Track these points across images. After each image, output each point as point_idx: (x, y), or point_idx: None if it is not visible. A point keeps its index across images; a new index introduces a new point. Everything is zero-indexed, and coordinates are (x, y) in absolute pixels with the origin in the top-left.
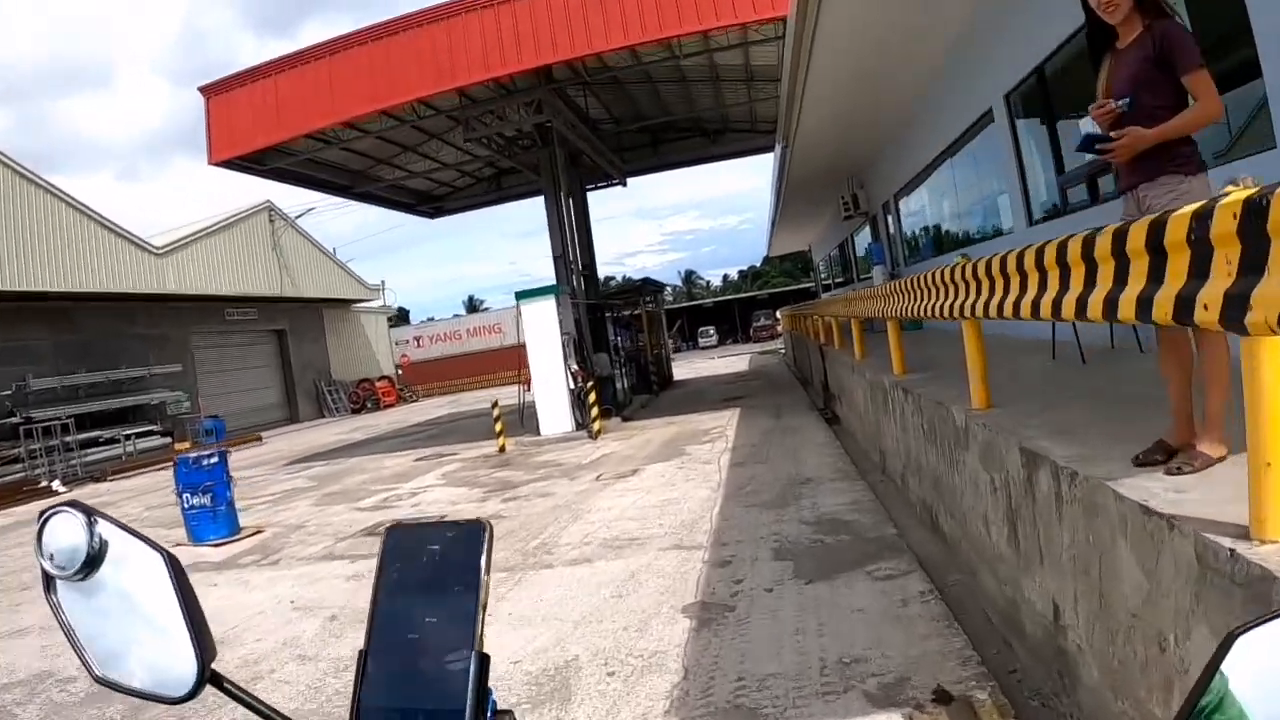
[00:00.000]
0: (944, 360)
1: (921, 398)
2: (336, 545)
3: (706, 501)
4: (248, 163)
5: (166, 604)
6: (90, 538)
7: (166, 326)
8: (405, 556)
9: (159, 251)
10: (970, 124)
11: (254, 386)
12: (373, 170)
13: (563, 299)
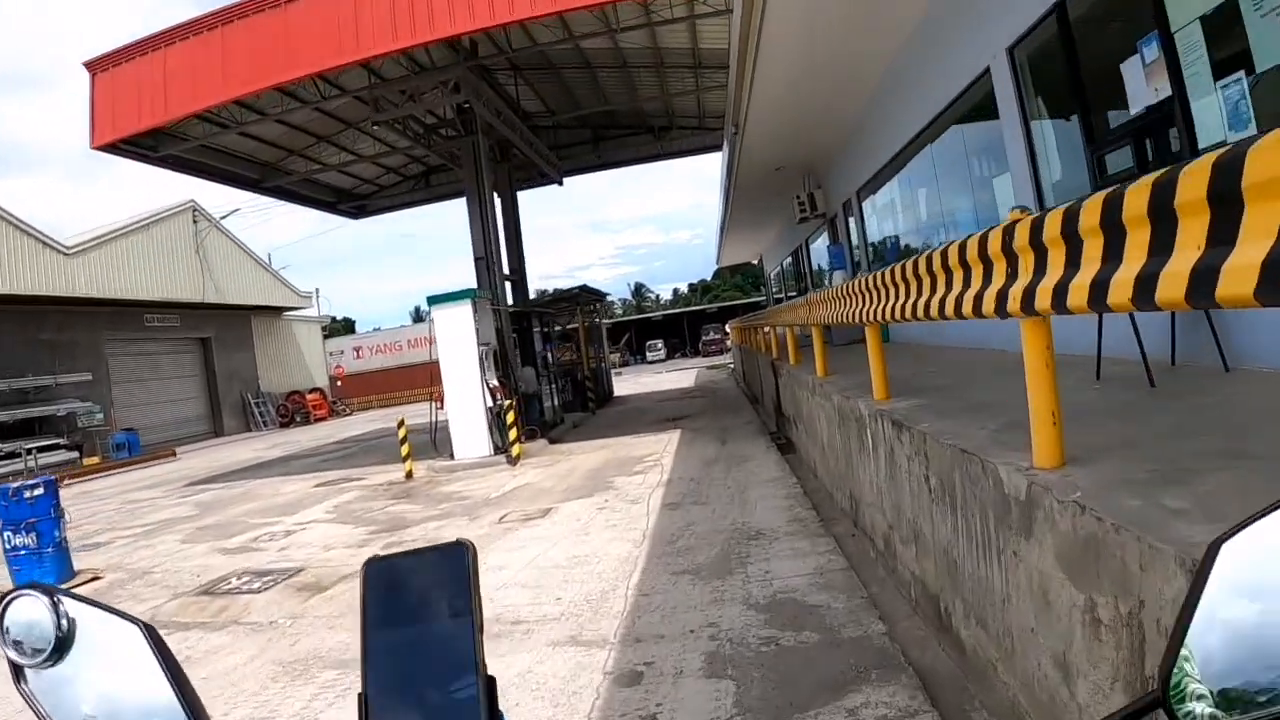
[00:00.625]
0: (936, 382)
1: (929, 440)
2: (166, 605)
3: (625, 562)
4: (136, 147)
5: (150, 679)
6: (56, 619)
7: (78, 332)
8: (388, 589)
9: (68, 251)
10: (958, 92)
11: (175, 398)
12: (285, 163)
13: (481, 305)
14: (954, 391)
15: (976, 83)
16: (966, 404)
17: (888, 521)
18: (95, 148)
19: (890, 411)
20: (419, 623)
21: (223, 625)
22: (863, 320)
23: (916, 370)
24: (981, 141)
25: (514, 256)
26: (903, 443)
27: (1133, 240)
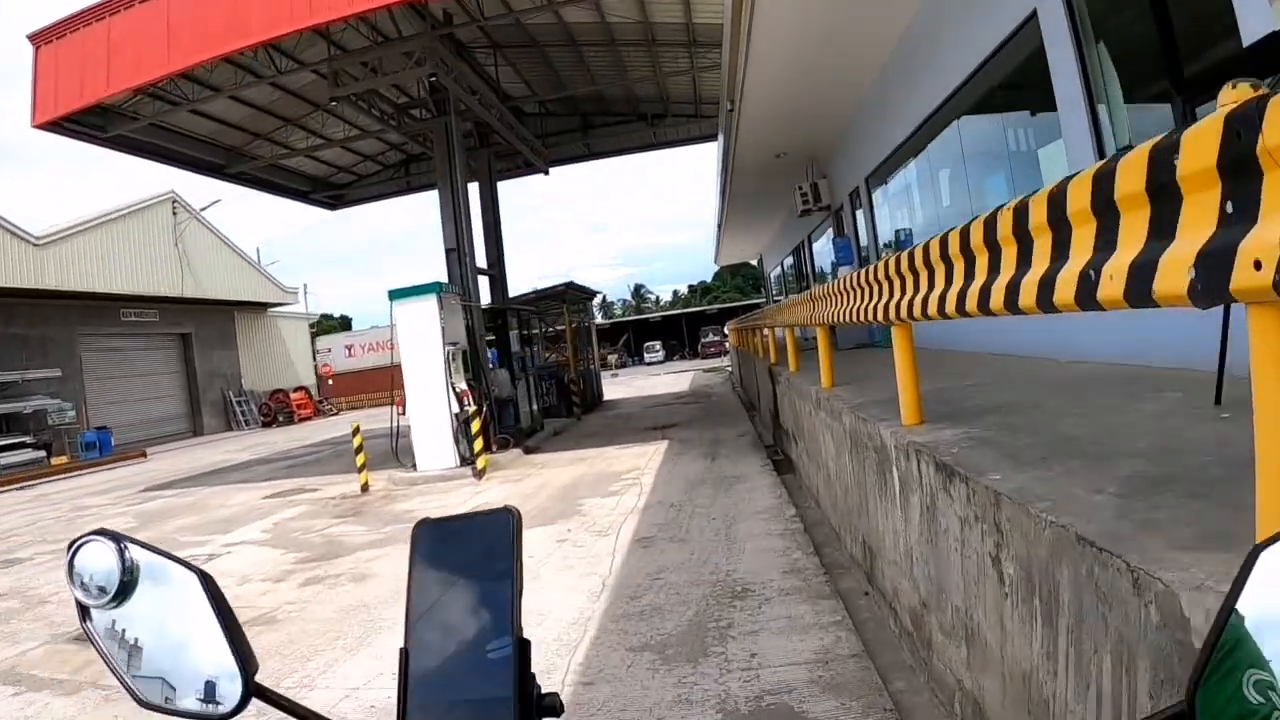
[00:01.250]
0: (985, 400)
1: (1007, 505)
2: (34, 652)
3: (574, 626)
4: (80, 126)
5: (204, 622)
6: (122, 563)
7: (50, 326)
8: (435, 551)
9: (38, 242)
10: (993, 49)
11: (153, 396)
12: (250, 147)
13: (449, 300)
14: (1017, 417)
15: (1017, 34)
16: (1045, 438)
17: (920, 594)
18: (37, 126)
19: (930, 447)
20: (461, 583)
21: (76, 687)
22: (885, 317)
23: (949, 382)
24: (1022, 107)
25: (492, 250)
26: (953, 497)
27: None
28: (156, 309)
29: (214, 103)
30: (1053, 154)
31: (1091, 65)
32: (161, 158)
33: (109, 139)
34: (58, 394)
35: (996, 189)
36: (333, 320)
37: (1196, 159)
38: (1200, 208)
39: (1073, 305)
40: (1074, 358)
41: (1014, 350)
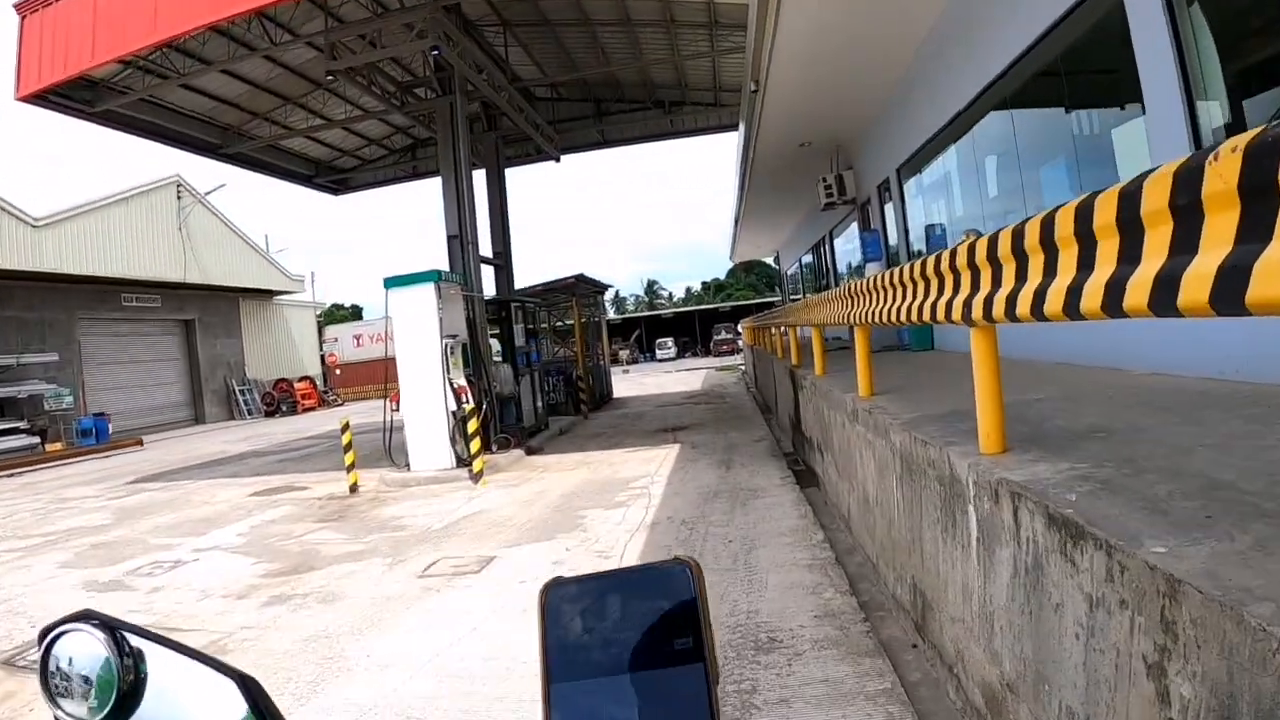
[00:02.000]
0: (1076, 422)
1: (1190, 600)
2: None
3: None
4: (67, 100)
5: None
6: (120, 663)
7: (48, 310)
8: (578, 623)
9: (36, 223)
10: (1058, 17)
11: (154, 383)
12: (248, 127)
13: (447, 289)
14: (1127, 446)
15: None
16: (1188, 482)
17: (1003, 672)
18: (20, 99)
19: (1032, 489)
20: (624, 671)
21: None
22: (963, 317)
23: (1010, 394)
24: (1091, 81)
25: (499, 239)
26: (1078, 567)
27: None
28: (159, 294)
29: (208, 78)
30: (1130, 135)
31: (1184, 28)
32: (154, 135)
33: (98, 114)
34: (55, 379)
35: (1055, 179)
36: (344, 310)
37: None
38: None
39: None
40: (1149, 369)
41: (1066, 358)
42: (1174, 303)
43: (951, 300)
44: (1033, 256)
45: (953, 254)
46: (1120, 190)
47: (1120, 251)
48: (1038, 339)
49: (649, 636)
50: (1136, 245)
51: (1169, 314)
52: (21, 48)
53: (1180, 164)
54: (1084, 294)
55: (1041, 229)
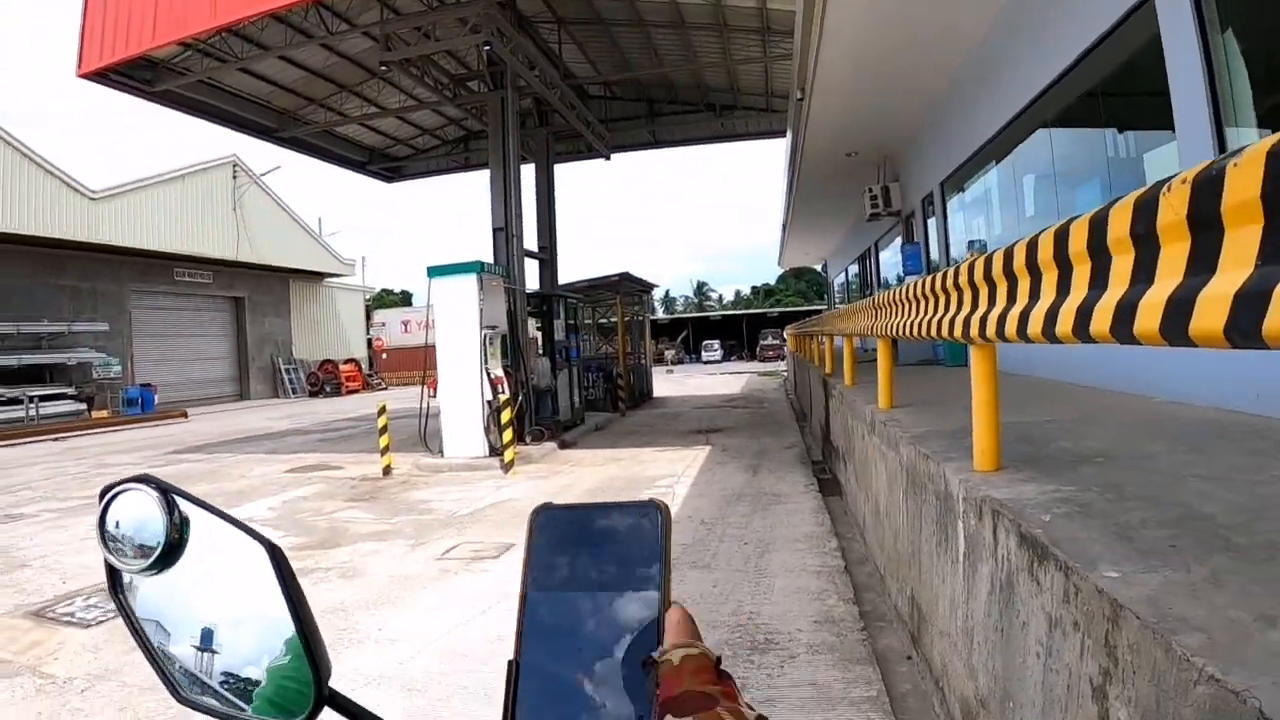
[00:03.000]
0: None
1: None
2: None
3: None
4: (128, 79)
5: (270, 606)
6: (169, 520)
7: (101, 281)
8: (559, 545)
9: (94, 196)
10: (1096, 39)
11: (202, 357)
12: (304, 112)
13: (490, 281)
14: (1122, 472)
15: (1127, 20)
16: (1168, 511)
17: (978, 687)
18: (81, 75)
19: (1012, 507)
20: (591, 589)
21: (14, 670)
22: (964, 334)
23: (1023, 414)
24: (1125, 106)
25: (545, 233)
26: (1041, 586)
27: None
28: (211, 271)
29: (265, 63)
30: (1161, 160)
31: (1217, 57)
32: (211, 116)
33: (157, 94)
34: (104, 348)
35: (1089, 201)
36: (394, 295)
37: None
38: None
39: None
40: (1171, 398)
41: (1091, 381)
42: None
43: (955, 317)
44: (1021, 279)
45: (956, 272)
46: (1090, 218)
47: (1090, 277)
48: (1065, 361)
49: (616, 563)
50: (1104, 271)
51: (1128, 341)
52: (85, 26)
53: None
54: (1059, 317)
55: (1026, 251)
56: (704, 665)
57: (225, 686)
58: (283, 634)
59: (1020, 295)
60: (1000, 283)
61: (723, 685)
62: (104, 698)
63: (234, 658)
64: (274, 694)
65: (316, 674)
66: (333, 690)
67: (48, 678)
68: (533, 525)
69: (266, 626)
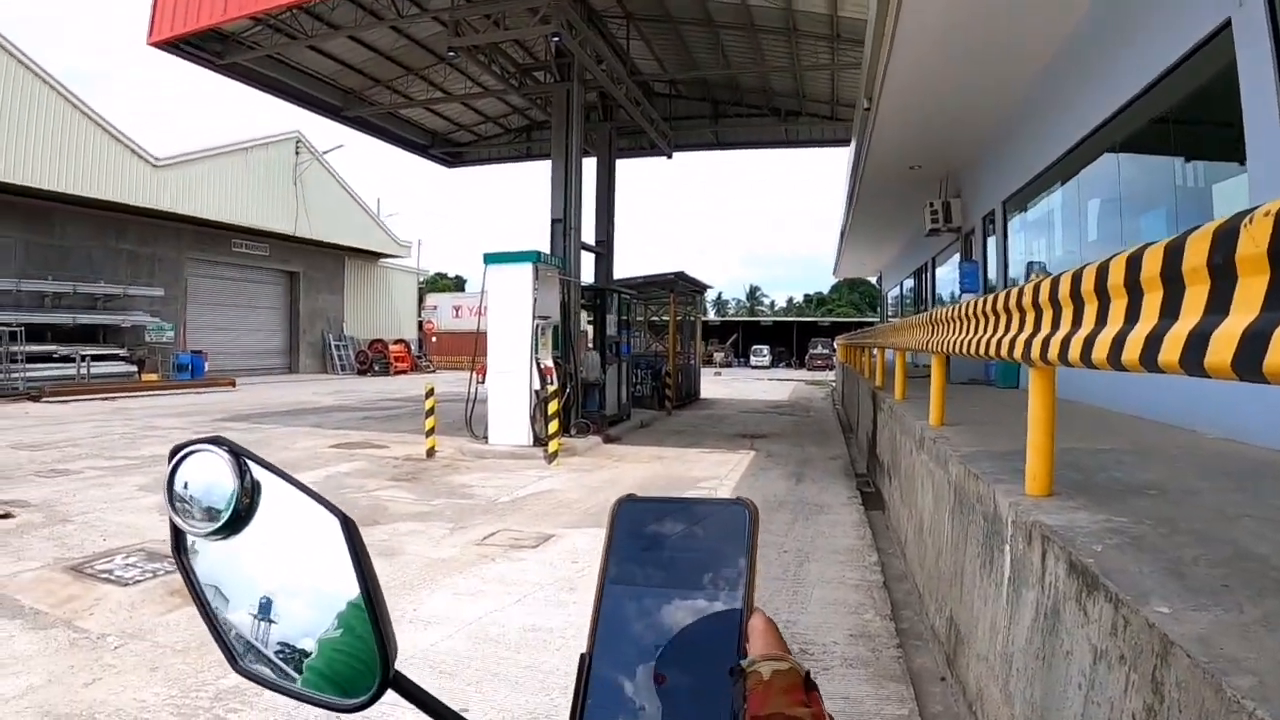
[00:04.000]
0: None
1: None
2: (25, 575)
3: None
4: (197, 50)
5: (340, 581)
6: (241, 484)
7: (160, 247)
8: (643, 539)
9: (158, 163)
10: (1168, 66)
11: (254, 328)
12: (370, 93)
13: (545, 271)
14: (1173, 507)
15: (1202, 48)
16: (1220, 550)
17: (1014, 714)
18: (151, 44)
19: (1063, 534)
20: (671, 586)
21: (50, 623)
22: (1025, 355)
23: (1074, 441)
24: (1195, 135)
25: (603, 227)
26: (1089, 616)
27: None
28: (268, 244)
29: (334, 42)
30: (1231, 192)
31: None
32: (277, 91)
33: (225, 66)
34: (159, 313)
35: (1154, 228)
36: (448, 279)
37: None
38: None
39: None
40: (1224, 435)
41: (1138, 410)
42: (1202, 361)
43: (1015, 338)
44: (1087, 303)
45: (1019, 292)
46: (1166, 245)
47: (1161, 306)
48: (1116, 389)
49: (700, 561)
50: (1176, 301)
51: (1197, 374)
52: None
53: (1219, 223)
54: (1126, 344)
55: (1096, 276)
56: (794, 683)
57: (280, 656)
58: (339, 609)
59: (1086, 320)
60: (1066, 306)
61: (812, 702)
62: (136, 656)
63: (292, 629)
64: (327, 668)
65: (384, 654)
66: (399, 673)
67: (82, 632)
68: (615, 515)
69: (328, 600)
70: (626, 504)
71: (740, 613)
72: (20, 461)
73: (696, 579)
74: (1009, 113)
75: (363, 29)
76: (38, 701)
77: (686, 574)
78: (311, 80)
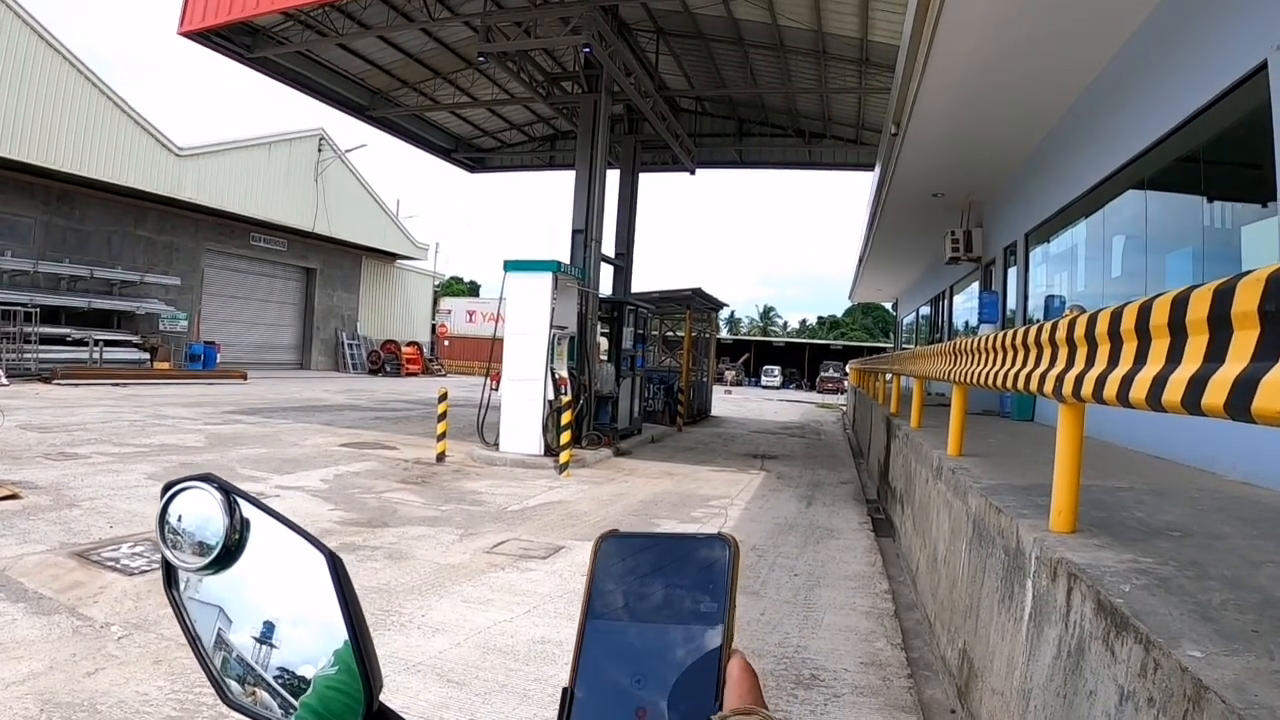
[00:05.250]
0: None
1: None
2: (29, 559)
3: None
4: (227, 43)
5: (325, 615)
6: (229, 520)
7: (178, 236)
8: (624, 574)
9: (180, 152)
10: (1202, 105)
11: (267, 322)
12: (396, 94)
13: (564, 281)
14: (1199, 550)
15: (1237, 88)
16: (1248, 595)
17: None
18: (182, 34)
19: (1091, 573)
20: (653, 623)
21: (52, 610)
22: (1054, 391)
23: (1093, 479)
24: (1224, 175)
25: (623, 240)
26: (1116, 657)
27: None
28: (286, 239)
29: (364, 41)
30: (1260, 234)
31: None
32: (304, 88)
33: (254, 59)
34: (174, 302)
35: (1180, 268)
36: (463, 284)
37: None
38: None
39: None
40: (1241, 477)
41: (1158, 450)
42: (1248, 406)
43: (1046, 373)
44: (1126, 341)
45: (1054, 327)
46: (1215, 288)
47: (1207, 350)
48: (1132, 426)
49: (680, 596)
50: (1224, 344)
51: (1243, 419)
52: None
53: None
54: (1167, 385)
55: (1139, 315)
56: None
57: (279, 681)
58: (333, 644)
59: (1125, 358)
60: (1103, 343)
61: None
62: (140, 648)
63: (291, 657)
64: (319, 704)
65: (368, 687)
66: (383, 705)
67: (86, 620)
68: (597, 551)
69: (319, 635)
70: (609, 539)
71: (720, 651)
72: (30, 442)
73: (678, 615)
74: (1036, 145)
75: (393, 29)
76: (39, 688)
77: (668, 610)
78: (339, 78)
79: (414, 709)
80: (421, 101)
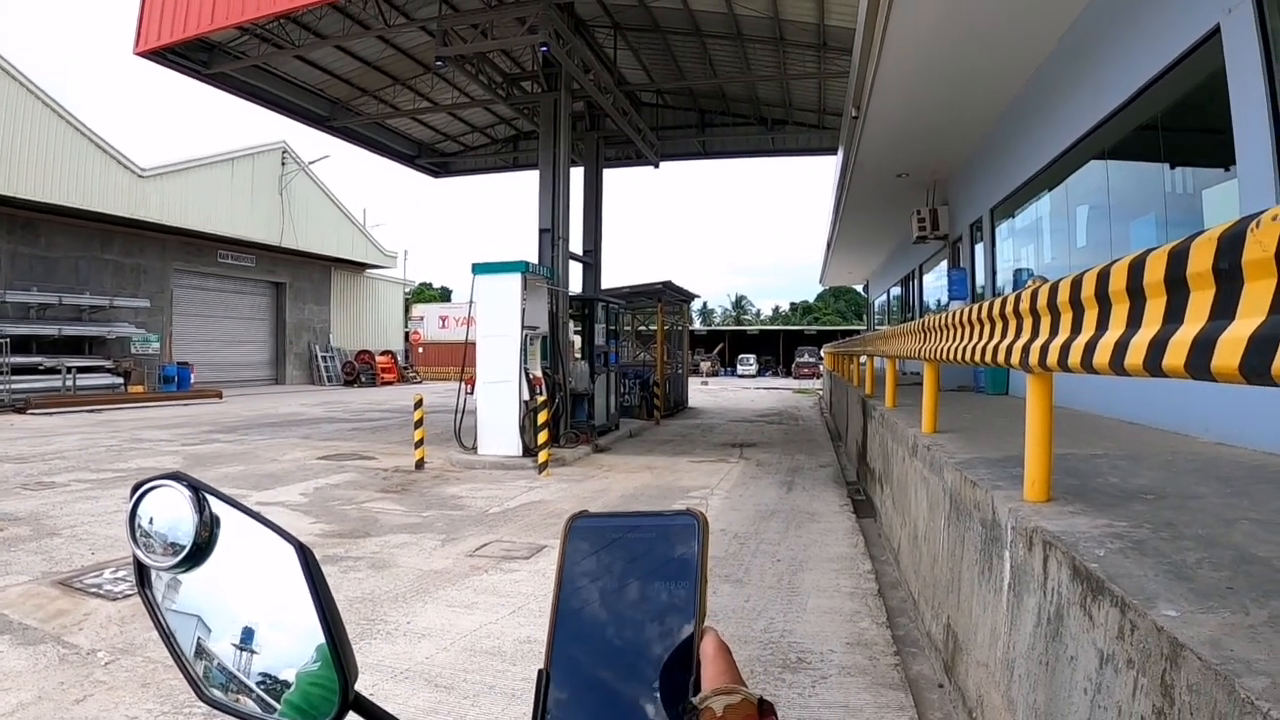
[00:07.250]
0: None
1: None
2: (12, 590)
3: None
4: (184, 60)
5: (298, 607)
6: (199, 518)
7: (145, 258)
8: (595, 554)
9: (143, 173)
10: (1158, 72)
11: (240, 339)
12: (356, 102)
13: (533, 281)
14: (1173, 511)
15: (1192, 54)
16: (1222, 553)
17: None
18: (138, 54)
19: (1065, 540)
20: (625, 601)
21: (38, 639)
22: (1022, 362)
23: (1068, 447)
24: (1184, 141)
25: (590, 237)
26: (1094, 621)
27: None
28: (254, 255)
29: (321, 51)
30: (1220, 198)
31: None
32: (264, 101)
33: (211, 75)
34: (144, 324)
35: (1143, 234)
36: (433, 290)
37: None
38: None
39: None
40: (1215, 438)
41: (1131, 416)
42: (1208, 365)
43: (1013, 345)
44: (1088, 309)
45: (1017, 299)
46: (1170, 250)
47: (1166, 312)
48: (1107, 394)
49: (652, 575)
50: (1180, 306)
51: (1203, 378)
52: (144, 5)
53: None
54: (1129, 349)
55: (1097, 282)
56: (749, 715)
57: (261, 687)
58: (313, 643)
59: (1086, 326)
60: (1065, 312)
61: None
62: (128, 672)
63: (272, 659)
64: (300, 699)
65: (343, 677)
66: (358, 694)
67: (71, 648)
68: (568, 532)
69: (298, 636)
70: (579, 520)
71: (692, 626)
72: (6, 474)
73: (650, 593)
74: (997, 120)
75: (350, 38)
76: (28, 718)
77: (640, 588)
78: (298, 90)
79: (403, 715)
80: (382, 109)
